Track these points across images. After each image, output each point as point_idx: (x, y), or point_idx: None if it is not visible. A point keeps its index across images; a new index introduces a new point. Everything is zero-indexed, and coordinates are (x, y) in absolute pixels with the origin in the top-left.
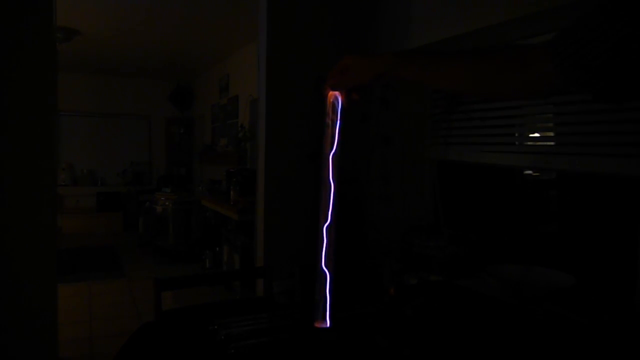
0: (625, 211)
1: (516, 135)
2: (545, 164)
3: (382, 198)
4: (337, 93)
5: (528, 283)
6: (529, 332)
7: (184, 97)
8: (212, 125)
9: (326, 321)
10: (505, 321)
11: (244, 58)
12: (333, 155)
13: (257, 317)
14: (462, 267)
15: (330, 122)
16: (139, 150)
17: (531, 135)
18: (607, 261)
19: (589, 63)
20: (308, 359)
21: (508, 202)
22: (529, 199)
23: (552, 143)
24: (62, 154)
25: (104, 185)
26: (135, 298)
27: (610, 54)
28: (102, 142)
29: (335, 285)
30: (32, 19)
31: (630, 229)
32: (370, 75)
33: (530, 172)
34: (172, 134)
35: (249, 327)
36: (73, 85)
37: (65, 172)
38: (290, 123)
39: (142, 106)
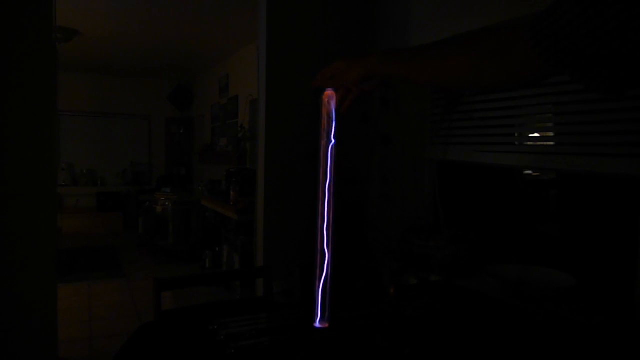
0: (625, 211)
1: (516, 135)
2: (545, 164)
3: (382, 198)
4: (330, 93)
5: (528, 283)
6: (529, 332)
7: (184, 97)
8: (212, 125)
9: (326, 321)
10: (505, 321)
11: (244, 58)
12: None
13: (257, 317)
14: (462, 267)
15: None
16: (139, 150)
17: (531, 135)
18: (607, 261)
19: (567, 46)
20: (308, 359)
21: (508, 202)
22: (529, 199)
23: (552, 143)
24: (62, 154)
25: (104, 185)
26: (135, 298)
27: (590, 38)
28: (102, 142)
29: (335, 285)
30: (32, 19)
31: (630, 229)
32: (358, 76)
33: (530, 172)
34: (172, 134)
35: (248, 327)
36: (73, 85)
37: (65, 172)
38: (290, 123)
39: (142, 106)
